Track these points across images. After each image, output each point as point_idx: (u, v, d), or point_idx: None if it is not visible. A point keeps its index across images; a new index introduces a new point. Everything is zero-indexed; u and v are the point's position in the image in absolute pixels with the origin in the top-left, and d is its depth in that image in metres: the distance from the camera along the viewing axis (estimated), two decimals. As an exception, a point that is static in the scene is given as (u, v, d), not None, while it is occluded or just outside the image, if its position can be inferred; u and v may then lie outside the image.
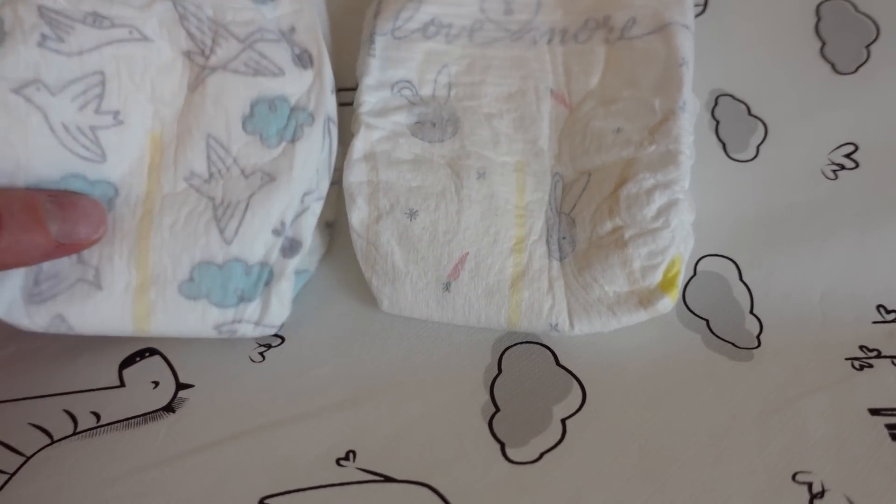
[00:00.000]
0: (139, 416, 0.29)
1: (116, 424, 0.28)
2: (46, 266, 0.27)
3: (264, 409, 0.28)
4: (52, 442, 0.28)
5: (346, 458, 0.26)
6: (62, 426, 0.28)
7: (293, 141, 0.29)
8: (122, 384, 0.30)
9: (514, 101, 0.32)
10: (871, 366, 0.27)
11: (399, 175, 0.30)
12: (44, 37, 0.26)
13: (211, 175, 0.28)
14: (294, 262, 0.29)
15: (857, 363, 0.28)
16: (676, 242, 0.28)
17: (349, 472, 0.26)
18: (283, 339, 0.31)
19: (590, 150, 0.31)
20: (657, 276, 0.28)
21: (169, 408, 0.29)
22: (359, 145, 0.31)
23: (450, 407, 0.28)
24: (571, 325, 0.29)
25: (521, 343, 0.30)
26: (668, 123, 0.30)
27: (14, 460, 0.27)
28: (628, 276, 0.28)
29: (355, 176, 0.30)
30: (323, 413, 0.28)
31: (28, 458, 0.27)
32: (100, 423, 0.28)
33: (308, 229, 0.29)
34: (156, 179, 0.28)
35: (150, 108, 0.28)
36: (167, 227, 0.28)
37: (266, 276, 0.28)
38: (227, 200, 0.28)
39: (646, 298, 0.28)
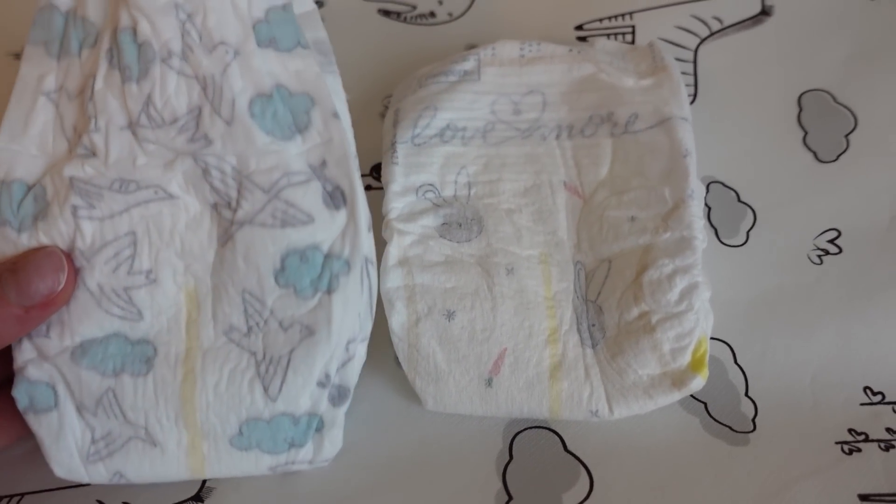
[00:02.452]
0: (169, 505, 0.30)
1: (148, 515, 0.30)
2: (99, 426, 0.28)
3: (288, 500, 0.30)
4: (88, 534, 0.29)
5: (369, 550, 0.28)
6: (96, 517, 0.30)
7: (329, 292, 0.28)
8: (151, 472, 0.31)
9: (531, 196, 0.35)
10: (859, 450, 0.29)
11: (433, 277, 0.32)
12: (75, 207, 0.28)
13: (249, 329, 0.28)
14: (344, 408, 0.29)
15: (846, 447, 0.29)
16: (701, 323, 0.30)
17: (372, 563, 0.27)
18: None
19: (608, 239, 0.33)
20: (687, 357, 0.30)
21: (198, 497, 0.30)
22: (393, 252, 0.32)
23: (465, 495, 0.29)
24: (611, 410, 0.30)
25: (531, 428, 0.32)
26: (680, 211, 0.32)
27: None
28: (659, 359, 0.30)
29: (392, 282, 0.32)
30: (345, 502, 0.29)
31: (67, 551, 0.29)
32: (132, 514, 0.30)
33: (355, 375, 0.29)
34: (195, 335, 0.28)
35: (181, 264, 0.29)
36: (211, 387, 0.28)
37: (316, 424, 0.29)
38: (269, 356, 0.28)
39: (678, 379, 0.30)
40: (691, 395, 0.32)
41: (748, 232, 0.37)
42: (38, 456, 0.32)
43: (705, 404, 0.32)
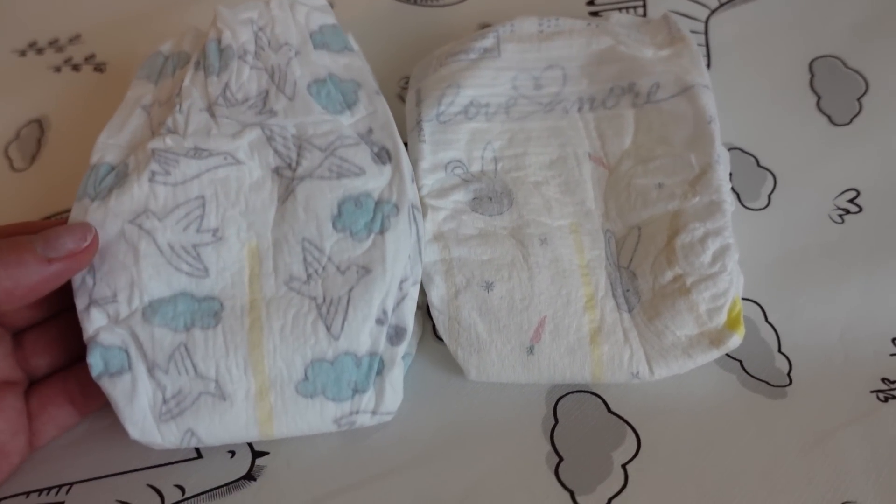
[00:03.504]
0: (222, 486, 0.30)
1: (202, 496, 0.30)
2: (170, 384, 0.28)
3: (340, 472, 0.30)
4: (144, 517, 0.29)
5: (427, 514, 0.28)
6: (150, 501, 0.30)
7: (382, 232, 0.30)
8: (200, 455, 0.32)
9: (557, 168, 0.35)
10: (894, 397, 0.30)
11: (469, 250, 0.33)
12: (153, 173, 0.31)
13: (309, 276, 0.30)
14: (402, 349, 0.30)
15: (881, 395, 0.30)
16: (734, 283, 0.31)
17: (433, 528, 0.27)
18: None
19: (636, 206, 0.34)
20: (723, 317, 0.31)
21: (250, 476, 0.31)
22: (428, 227, 0.33)
23: (516, 459, 0.30)
24: (651, 371, 0.31)
25: (573, 392, 0.32)
26: (708, 176, 0.33)
27: (112, 537, 0.29)
28: (696, 319, 0.31)
29: (429, 256, 0.32)
30: (396, 473, 0.30)
31: (124, 535, 0.29)
32: (185, 496, 0.30)
33: (410, 314, 0.30)
34: (258, 288, 0.30)
35: (244, 223, 0.31)
36: (277, 331, 0.29)
37: (377, 366, 0.29)
38: (329, 298, 0.29)
39: (716, 338, 0.31)
40: (727, 354, 0.33)
41: (769, 195, 0.38)
42: (83, 445, 0.32)
43: (741, 362, 0.33)
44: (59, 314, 0.33)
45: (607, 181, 0.35)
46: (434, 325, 0.33)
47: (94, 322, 0.29)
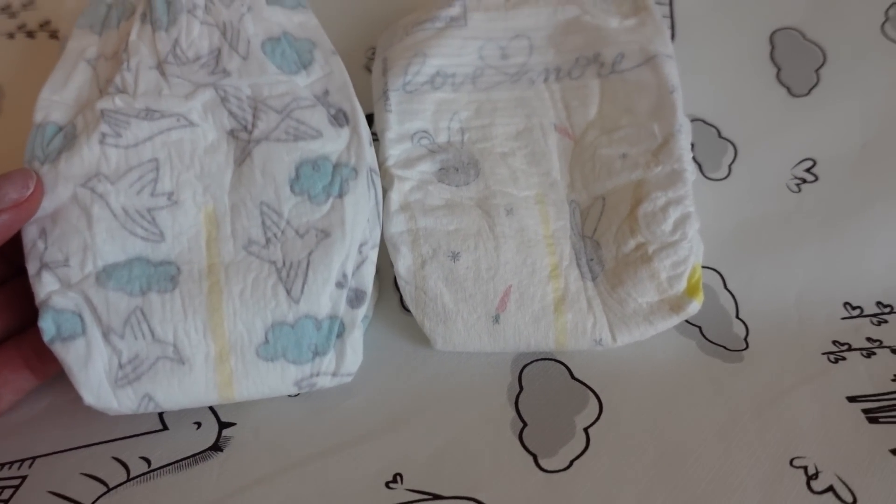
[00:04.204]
0: (189, 457, 0.30)
1: (168, 467, 0.30)
2: (126, 349, 0.28)
3: (308, 441, 0.30)
4: (109, 490, 0.29)
5: (395, 480, 0.29)
6: (115, 473, 0.30)
7: (341, 196, 0.30)
8: (165, 427, 0.31)
9: (523, 139, 0.35)
10: (844, 358, 0.31)
11: (436, 221, 0.33)
12: (104, 135, 0.30)
13: (268, 240, 0.30)
14: (362, 312, 0.30)
15: (832, 357, 0.32)
16: (694, 251, 0.32)
17: (399, 493, 0.28)
18: (315, 372, 0.33)
19: (601, 176, 0.34)
20: (683, 284, 0.31)
21: (216, 447, 0.31)
22: (395, 197, 0.33)
23: (482, 424, 0.30)
24: (614, 338, 0.31)
25: (538, 360, 0.33)
26: (670, 145, 0.33)
27: (74, 511, 0.28)
28: (657, 286, 0.31)
29: (396, 227, 0.32)
30: (365, 440, 0.30)
31: (87, 508, 0.29)
32: (151, 468, 0.30)
33: (369, 278, 0.31)
34: (216, 252, 0.30)
35: (200, 186, 0.30)
36: (237, 295, 0.29)
37: (337, 328, 0.30)
38: (289, 261, 0.29)
39: (676, 305, 0.31)
40: (687, 321, 0.34)
41: (730, 166, 0.38)
42: (46, 419, 0.32)
43: (700, 328, 0.34)
44: (8, 280, 0.32)
45: (573, 152, 0.36)
46: (402, 296, 0.33)
47: (45, 286, 0.28)
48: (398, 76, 0.36)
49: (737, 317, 0.34)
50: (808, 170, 0.38)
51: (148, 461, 0.30)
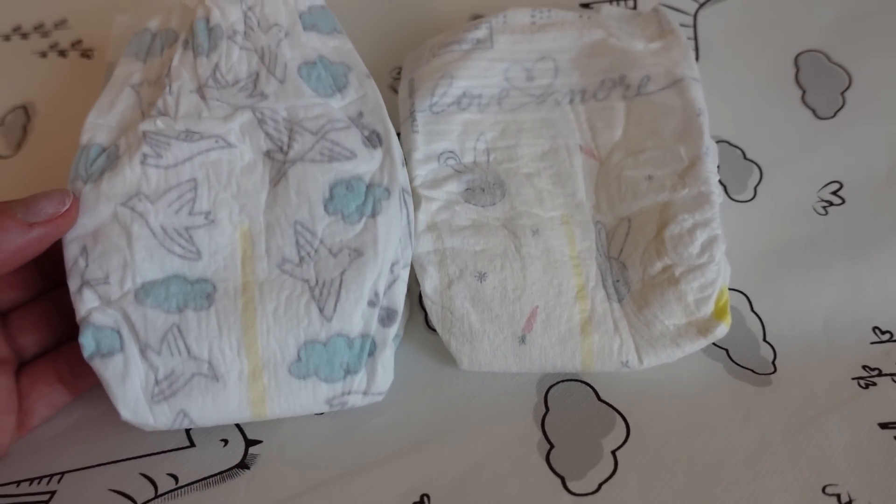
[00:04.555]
0: (216, 474, 0.30)
1: (196, 484, 0.30)
2: (162, 366, 0.29)
3: (334, 460, 0.30)
4: (137, 505, 0.29)
5: (421, 501, 0.28)
6: (143, 490, 0.30)
7: (373, 216, 0.31)
8: (192, 444, 0.32)
9: (549, 160, 0.36)
10: (874, 384, 0.31)
11: (463, 241, 0.33)
12: (145, 156, 0.31)
13: (301, 259, 0.30)
14: (393, 331, 0.30)
15: (862, 382, 0.31)
16: (722, 273, 0.32)
17: (427, 514, 0.28)
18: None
19: (626, 198, 0.34)
20: (711, 306, 0.31)
21: (243, 464, 0.31)
22: (422, 217, 0.33)
23: (508, 446, 0.30)
24: (640, 360, 0.31)
25: (563, 381, 0.33)
26: (696, 168, 0.33)
27: (103, 526, 0.29)
28: (684, 309, 0.31)
29: (423, 247, 0.33)
30: (390, 460, 0.30)
31: (116, 524, 0.29)
32: (179, 485, 0.30)
33: (401, 297, 0.31)
34: (250, 270, 0.30)
35: (236, 206, 0.31)
36: (270, 312, 0.29)
37: (369, 347, 0.30)
38: (322, 280, 0.30)
39: (704, 328, 0.31)
40: (714, 343, 0.34)
41: (756, 188, 0.38)
42: (74, 434, 0.32)
43: (727, 350, 0.34)
44: (43, 295, 0.33)
45: (598, 173, 0.36)
46: (427, 315, 0.33)
47: (86, 303, 0.29)
48: (425, 97, 0.36)
49: (764, 340, 0.34)
50: (834, 192, 0.38)
51: (175, 478, 0.30)
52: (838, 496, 0.26)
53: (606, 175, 0.35)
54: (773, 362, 0.33)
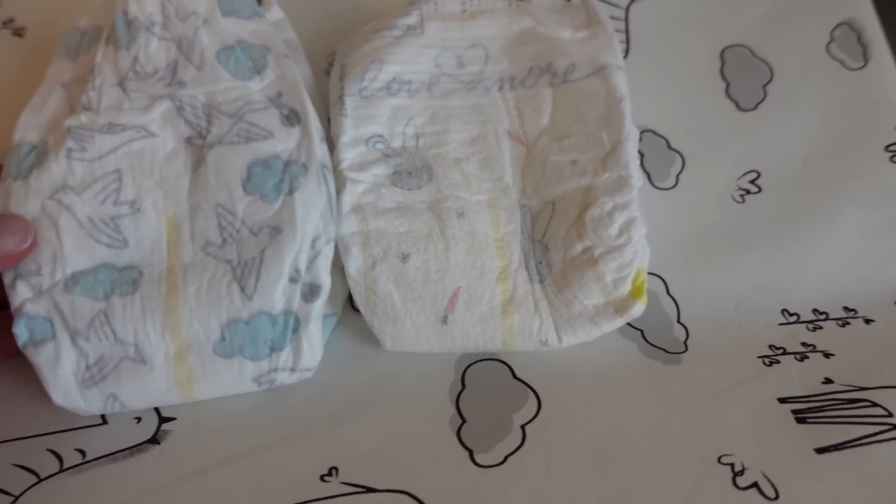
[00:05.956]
0: (124, 450, 0.30)
1: (102, 459, 0.30)
2: (92, 351, 0.29)
3: (248, 435, 0.30)
4: (40, 481, 0.29)
5: (330, 473, 0.29)
6: (48, 465, 0.29)
7: (291, 192, 0.31)
8: (105, 422, 0.31)
9: (477, 145, 0.36)
10: (778, 361, 0.32)
11: (387, 222, 0.33)
12: (69, 150, 0.31)
13: (224, 240, 0.31)
14: (317, 306, 0.31)
15: (767, 360, 0.32)
16: (639, 254, 0.33)
17: (333, 486, 0.28)
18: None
19: (551, 182, 0.35)
20: (627, 286, 0.32)
21: (154, 440, 0.30)
22: (347, 199, 0.33)
23: (421, 421, 0.31)
24: (560, 339, 0.32)
25: (481, 360, 0.33)
26: (617, 153, 0.34)
27: (2, 501, 0.28)
28: (602, 289, 0.32)
29: (347, 227, 0.33)
30: (304, 435, 0.30)
31: (16, 498, 0.28)
32: (85, 460, 0.30)
33: (324, 272, 0.31)
34: (176, 255, 0.31)
35: (160, 193, 0.32)
36: (192, 294, 0.30)
37: (293, 324, 0.30)
38: (243, 260, 0.30)
39: (621, 307, 0.32)
40: (629, 324, 0.34)
41: (678, 176, 0.39)
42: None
43: (642, 331, 0.34)
44: None
45: (525, 158, 0.36)
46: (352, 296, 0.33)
47: (19, 294, 0.29)
48: (354, 82, 0.37)
49: (678, 321, 0.35)
50: (752, 181, 0.39)
51: (83, 453, 0.30)
52: (732, 465, 0.27)
53: (533, 160, 0.36)
54: (685, 342, 0.34)
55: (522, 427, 0.30)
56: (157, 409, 0.32)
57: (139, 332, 0.29)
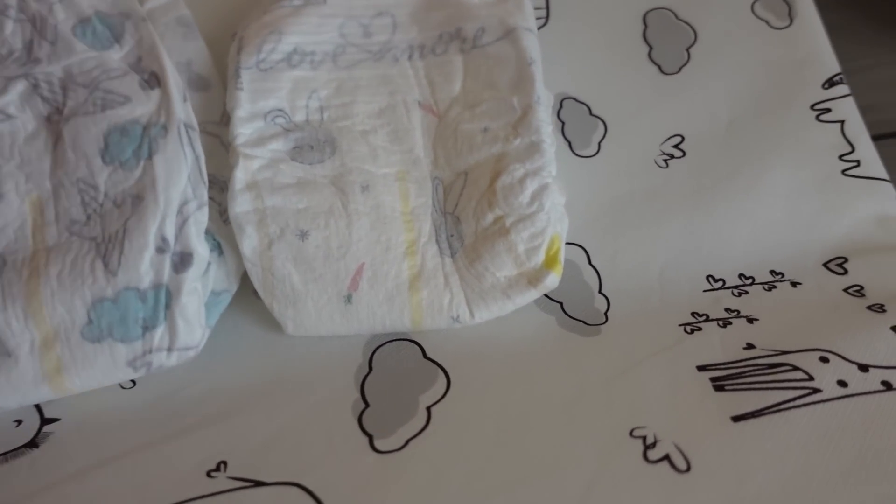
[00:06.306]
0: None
1: (-27, 466, 0.27)
2: None
3: (133, 433, 0.28)
4: None
5: (217, 469, 0.26)
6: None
7: (150, 157, 0.29)
8: (-19, 426, 0.29)
9: (386, 117, 0.34)
10: (700, 329, 0.31)
11: (285, 199, 0.31)
12: None
13: (88, 217, 0.29)
14: (191, 276, 0.28)
15: (688, 328, 0.31)
16: (553, 223, 0.31)
17: (220, 482, 0.26)
18: (153, 362, 0.31)
19: (462, 152, 0.33)
20: (541, 256, 0.31)
21: (32, 443, 0.28)
22: (239, 175, 0.31)
23: (321, 409, 0.29)
24: (472, 314, 0.30)
25: (391, 341, 0.31)
26: (528, 117, 0.33)
27: None
28: (515, 259, 0.31)
29: (241, 206, 0.31)
30: (193, 430, 0.28)
31: None
32: (-45, 468, 0.27)
33: (196, 239, 0.29)
34: (41, 239, 0.29)
35: (22, 176, 0.30)
36: (54, 277, 0.28)
37: (164, 298, 0.28)
38: (107, 234, 0.28)
39: (534, 278, 0.30)
40: (548, 297, 0.33)
41: (600, 143, 0.38)
42: None
43: (561, 304, 0.33)
44: None
45: (437, 128, 0.35)
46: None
47: None
48: (251, 54, 0.34)
49: (599, 292, 0.33)
50: (676, 146, 0.37)
51: (-48, 461, 0.27)
52: (644, 438, 0.25)
53: (444, 130, 0.34)
54: (606, 313, 0.32)
55: (428, 408, 0.28)
56: (39, 411, 0.30)
57: (1, 322, 0.27)
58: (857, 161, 0.36)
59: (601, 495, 0.24)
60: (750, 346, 0.29)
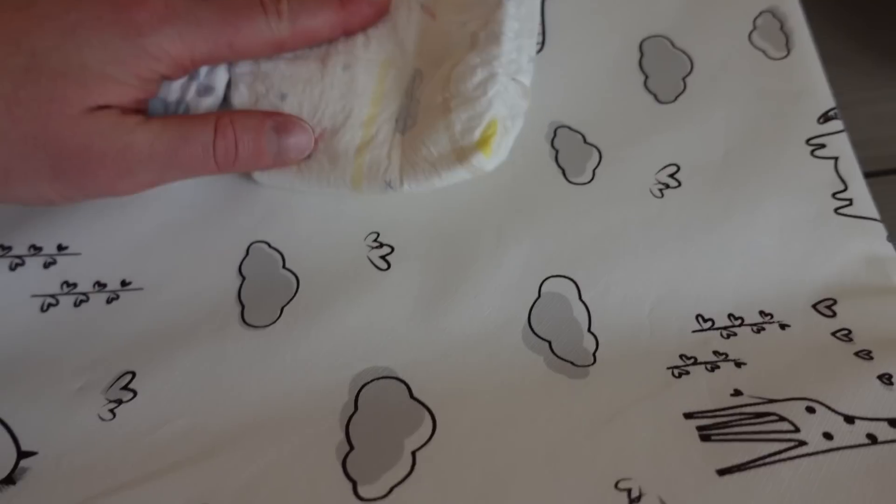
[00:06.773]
0: (-25, 492, 0.27)
1: (-52, 506, 0.27)
2: None
3: (113, 471, 0.28)
4: None
5: (199, 513, 0.26)
6: None
7: None
8: (-42, 459, 0.28)
9: (391, 14, 0.36)
10: (688, 373, 0.30)
11: (275, 66, 0.34)
12: None
13: None
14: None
15: (676, 371, 0.31)
16: (494, 108, 0.32)
17: (200, 528, 0.26)
18: (134, 392, 0.30)
19: (444, 45, 0.35)
20: (474, 137, 0.32)
21: (9, 479, 0.28)
22: None
23: (305, 450, 0.28)
24: (401, 181, 0.33)
25: (379, 379, 0.31)
26: (497, 12, 0.34)
27: None
28: (450, 137, 0.32)
29: (241, 67, 0.34)
30: (176, 469, 0.28)
31: None
32: (-71, 506, 0.27)
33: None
34: None
35: None
36: None
37: None
38: None
39: (462, 155, 0.32)
40: (537, 335, 0.32)
41: (594, 170, 0.37)
42: None
43: (549, 342, 0.32)
44: None
45: (430, 28, 0.36)
46: (243, 313, 0.31)
47: None
48: None
49: (589, 330, 0.33)
50: (671, 175, 0.37)
51: (-74, 499, 0.27)
52: (629, 491, 0.25)
53: (435, 28, 0.36)
54: (594, 353, 0.32)
55: (413, 453, 0.28)
56: (16, 442, 0.29)
57: None
58: (850, 200, 0.36)
59: (585, 551, 0.24)
60: (737, 393, 0.29)
